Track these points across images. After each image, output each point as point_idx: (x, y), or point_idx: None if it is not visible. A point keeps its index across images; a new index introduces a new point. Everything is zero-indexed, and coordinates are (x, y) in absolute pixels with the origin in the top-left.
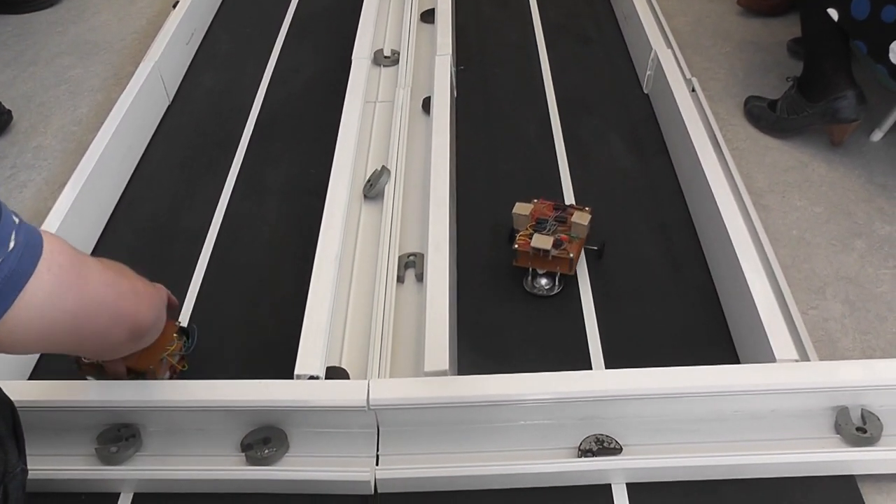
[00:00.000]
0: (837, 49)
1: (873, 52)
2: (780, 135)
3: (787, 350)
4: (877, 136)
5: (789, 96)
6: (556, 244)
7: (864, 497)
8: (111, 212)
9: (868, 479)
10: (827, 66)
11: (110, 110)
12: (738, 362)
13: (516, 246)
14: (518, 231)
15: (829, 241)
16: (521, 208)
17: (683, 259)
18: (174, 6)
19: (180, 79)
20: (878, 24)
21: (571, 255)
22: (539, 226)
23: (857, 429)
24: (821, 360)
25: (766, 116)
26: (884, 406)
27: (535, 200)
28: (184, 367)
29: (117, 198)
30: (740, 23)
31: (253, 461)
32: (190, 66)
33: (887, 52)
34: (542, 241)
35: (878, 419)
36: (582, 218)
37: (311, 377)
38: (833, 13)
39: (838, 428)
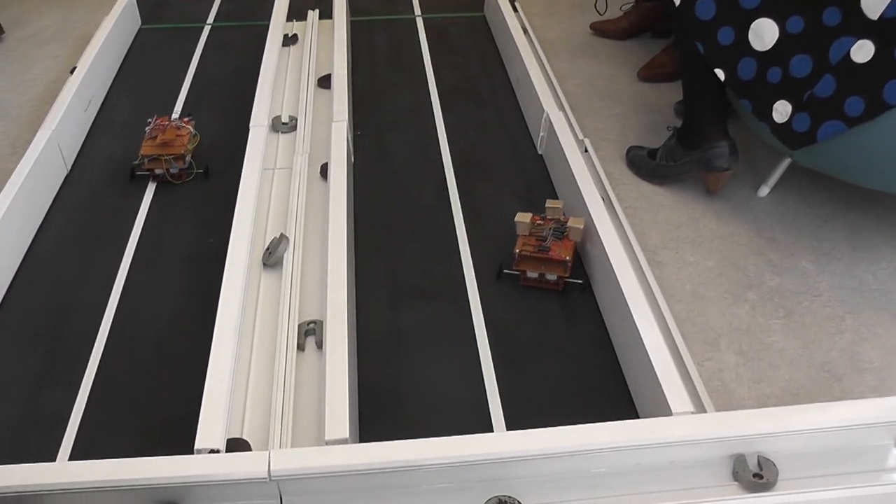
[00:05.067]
0: (715, 104)
1: (757, 110)
2: (658, 181)
3: (682, 403)
4: (763, 191)
5: (669, 146)
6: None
7: None
8: (7, 287)
9: None
10: (704, 119)
11: (6, 182)
12: (637, 416)
13: (517, 250)
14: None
15: (722, 294)
16: (522, 217)
17: (580, 316)
18: (71, 72)
19: (78, 147)
20: (764, 84)
21: (567, 257)
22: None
23: (754, 475)
24: (717, 409)
25: (646, 164)
26: (778, 451)
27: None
28: None
29: (12, 274)
30: (630, 85)
31: None
32: (88, 133)
33: (771, 111)
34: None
35: (774, 465)
36: (577, 222)
37: (212, 451)
38: (720, 73)
39: (736, 475)
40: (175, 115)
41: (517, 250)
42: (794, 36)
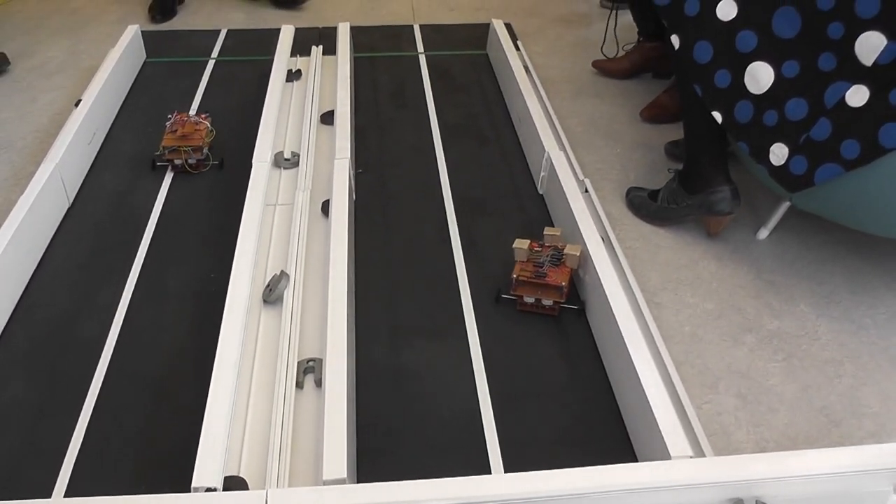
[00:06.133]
0: (716, 148)
1: (755, 152)
2: (659, 223)
3: (681, 447)
4: (763, 234)
5: (671, 188)
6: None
7: None
8: (6, 321)
9: None
10: (706, 162)
11: (9, 213)
12: (635, 459)
13: (515, 275)
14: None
15: (721, 337)
16: (520, 243)
17: (579, 357)
18: (76, 105)
19: (81, 180)
20: (760, 127)
21: (563, 283)
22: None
23: None
24: (716, 452)
25: (647, 206)
26: (777, 496)
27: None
28: None
29: (13, 306)
30: (632, 125)
31: None
32: (91, 167)
33: (768, 153)
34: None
35: None
36: (574, 249)
37: (209, 489)
38: (717, 116)
39: None
40: (192, 112)
41: (515, 275)
42: (790, 80)
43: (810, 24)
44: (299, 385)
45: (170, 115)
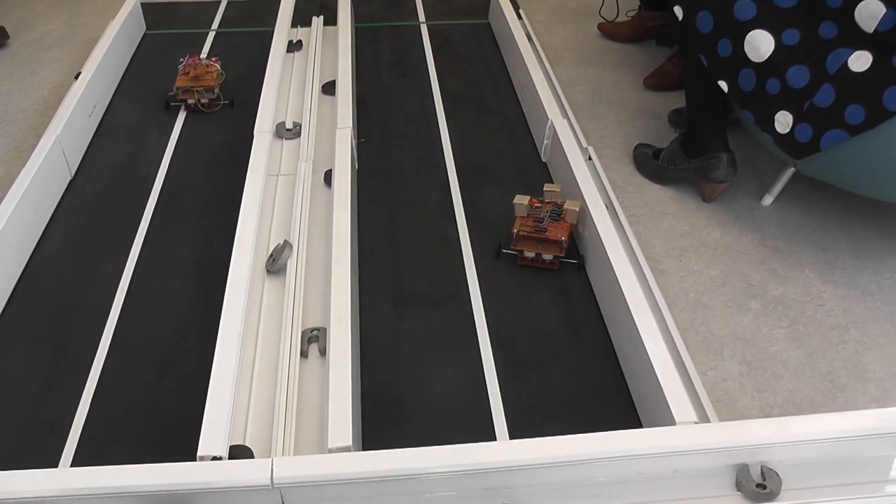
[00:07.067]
0: (716, 117)
1: (760, 121)
2: (658, 181)
3: (685, 412)
4: (767, 200)
5: (672, 149)
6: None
7: None
8: (10, 292)
9: None
10: (706, 129)
11: (10, 186)
12: (640, 425)
13: (515, 230)
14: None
15: (726, 303)
16: (520, 199)
17: (583, 324)
18: (76, 77)
19: (83, 152)
20: (764, 95)
21: (563, 237)
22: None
23: (758, 485)
24: (721, 419)
25: (649, 164)
26: (782, 461)
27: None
28: None
29: (17, 277)
30: (635, 93)
31: None
32: (92, 138)
33: (773, 121)
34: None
35: (777, 475)
36: (573, 205)
37: (214, 458)
38: (723, 85)
39: (739, 485)
40: (203, 55)
41: (515, 230)
42: (790, 48)
43: None
44: (304, 354)
45: (181, 59)
